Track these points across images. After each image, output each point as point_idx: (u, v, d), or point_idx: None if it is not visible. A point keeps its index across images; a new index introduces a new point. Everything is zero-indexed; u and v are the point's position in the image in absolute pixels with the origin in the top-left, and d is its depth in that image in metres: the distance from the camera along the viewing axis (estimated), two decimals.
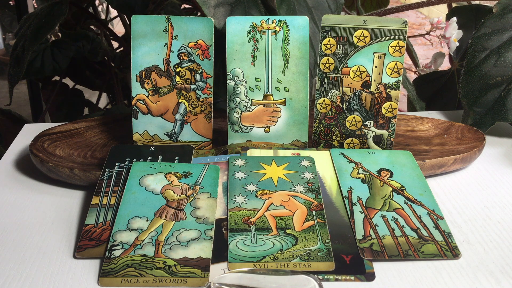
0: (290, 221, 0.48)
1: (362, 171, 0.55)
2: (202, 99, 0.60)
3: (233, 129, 0.60)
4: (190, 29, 0.59)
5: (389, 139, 0.60)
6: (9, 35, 2.43)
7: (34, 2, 1.61)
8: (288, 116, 0.60)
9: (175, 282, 0.42)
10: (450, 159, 0.58)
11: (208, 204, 0.50)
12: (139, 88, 0.60)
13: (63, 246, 0.47)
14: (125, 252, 0.45)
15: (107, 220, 0.49)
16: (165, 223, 0.48)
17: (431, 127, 0.67)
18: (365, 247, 0.46)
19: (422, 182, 0.54)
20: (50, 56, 1.12)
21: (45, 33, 0.83)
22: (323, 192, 0.52)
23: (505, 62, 0.67)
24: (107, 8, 1.48)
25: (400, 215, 0.50)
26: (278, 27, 0.59)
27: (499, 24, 0.69)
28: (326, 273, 0.43)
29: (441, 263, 0.45)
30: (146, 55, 0.59)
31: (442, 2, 0.84)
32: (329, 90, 0.60)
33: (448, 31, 0.79)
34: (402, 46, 0.58)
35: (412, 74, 0.99)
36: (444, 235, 0.47)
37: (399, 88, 0.59)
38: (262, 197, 0.51)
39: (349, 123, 0.60)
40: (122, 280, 0.42)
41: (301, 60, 0.59)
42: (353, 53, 0.59)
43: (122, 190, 0.51)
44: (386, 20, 0.58)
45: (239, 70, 0.59)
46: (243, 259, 0.44)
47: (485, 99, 0.67)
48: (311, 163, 0.56)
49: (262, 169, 0.55)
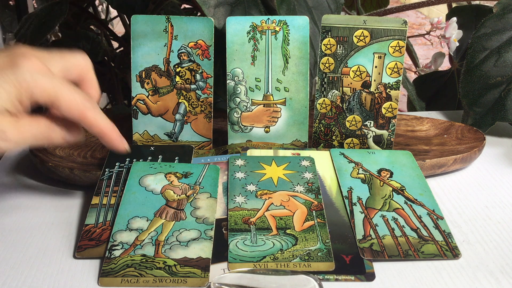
0: (290, 221, 0.48)
1: (362, 171, 0.55)
2: (202, 99, 0.60)
3: (233, 129, 0.60)
4: (190, 29, 0.59)
5: (389, 139, 0.60)
6: (9, 35, 2.43)
7: (34, 2, 1.61)
8: (288, 116, 0.60)
9: (175, 282, 0.42)
10: (450, 159, 0.58)
11: (208, 204, 0.50)
12: (139, 88, 0.60)
13: (63, 246, 0.47)
14: (125, 252, 0.45)
15: (107, 220, 0.49)
16: (165, 223, 0.48)
17: (431, 127, 0.67)
18: (365, 247, 0.46)
19: (422, 182, 0.54)
20: None
21: (45, 33, 0.83)
22: (323, 192, 0.52)
23: (505, 62, 0.67)
24: (107, 8, 1.48)
25: (400, 215, 0.50)
26: (278, 27, 0.59)
27: (499, 24, 0.69)
28: (326, 273, 0.43)
29: (441, 263, 0.45)
30: (146, 55, 0.59)
31: (442, 2, 0.84)
32: (329, 90, 0.60)
33: (448, 31, 0.79)
34: (402, 46, 0.58)
35: (412, 74, 0.99)
36: (444, 235, 0.47)
37: (399, 88, 0.59)
38: (262, 197, 0.51)
39: (349, 123, 0.60)
40: (122, 280, 0.42)
41: (301, 60, 0.59)
42: (353, 53, 0.59)
43: (122, 190, 0.51)
44: (386, 20, 0.58)
45: (239, 70, 0.59)
46: (243, 259, 0.44)
47: (485, 99, 0.67)
48: (311, 163, 0.56)
49: (262, 169, 0.55)
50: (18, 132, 0.39)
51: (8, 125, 0.39)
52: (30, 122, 0.40)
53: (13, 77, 0.38)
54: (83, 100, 0.42)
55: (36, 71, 0.39)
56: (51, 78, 0.40)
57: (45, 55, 0.43)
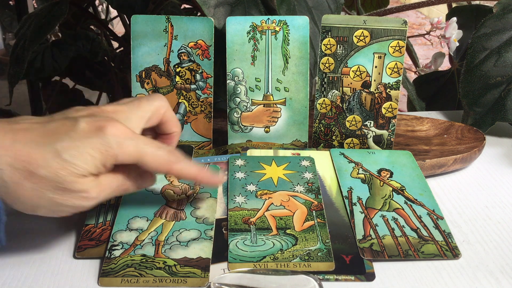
0: (290, 221, 0.48)
1: (362, 171, 0.55)
2: (202, 99, 0.60)
3: (233, 129, 0.60)
4: (190, 29, 0.59)
5: (389, 139, 0.60)
6: (9, 35, 2.43)
7: (34, 2, 1.61)
8: (288, 116, 0.60)
9: (175, 282, 0.42)
10: (450, 159, 0.58)
11: (208, 204, 0.50)
12: (139, 88, 0.60)
13: (63, 246, 0.47)
14: (125, 252, 0.45)
15: (107, 220, 0.49)
16: (165, 223, 0.48)
17: (431, 127, 0.67)
18: (365, 247, 0.46)
19: (422, 182, 0.54)
20: (50, 56, 1.12)
21: (45, 33, 0.83)
22: (323, 192, 0.52)
23: (505, 62, 0.67)
24: (107, 8, 1.48)
25: (400, 215, 0.50)
26: (278, 27, 0.59)
27: (499, 24, 0.69)
28: (326, 273, 0.43)
29: (441, 263, 0.45)
30: (146, 55, 0.59)
31: (442, 2, 0.84)
32: (329, 90, 0.60)
33: (448, 31, 0.79)
34: (402, 46, 0.58)
35: (412, 74, 0.99)
36: (444, 235, 0.47)
37: (399, 88, 0.59)
38: (262, 197, 0.51)
39: (349, 123, 0.60)
40: (122, 280, 0.42)
41: (301, 60, 0.59)
42: (353, 53, 0.59)
43: None
44: (386, 20, 0.58)
45: (239, 70, 0.59)
46: (243, 259, 0.44)
47: (485, 99, 0.67)
48: (311, 163, 0.56)
49: (262, 169, 0.55)
50: (100, 190, 0.41)
51: (91, 184, 0.40)
52: (110, 178, 0.42)
53: (99, 144, 0.39)
54: (167, 155, 0.43)
55: (121, 137, 0.40)
56: (135, 140, 0.41)
57: (126, 112, 0.44)
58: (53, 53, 1.12)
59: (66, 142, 0.39)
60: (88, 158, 0.39)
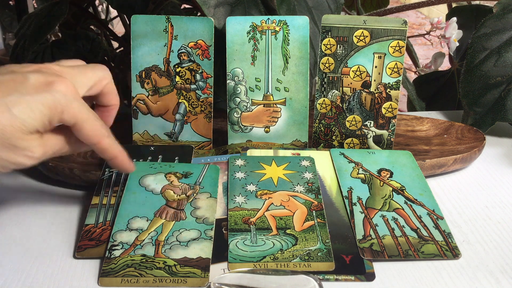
0: (290, 221, 0.48)
1: (362, 171, 0.55)
2: (202, 99, 0.60)
3: (233, 129, 0.60)
4: (190, 29, 0.59)
5: (389, 139, 0.60)
6: (9, 35, 2.43)
7: (34, 2, 1.61)
8: (288, 116, 0.60)
9: (175, 282, 0.42)
10: (450, 159, 0.58)
11: (208, 204, 0.50)
12: (139, 88, 0.60)
13: (63, 246, 0.47)
14: (125, 252, 0.45)
15: (107, 220, 0.49)
16: (165, 223, 0.48)
17: (431, 127, 0.67)
18: (365, 247, 0.46)
19: (422, 182, 0.54)
20: (50, 56, 1.12)
21: (45, 33, 0.83)
22: (323, 192, 0.52)
23: (505, 62, 0.67)
24: (107, 8, 1.48)
25: (400, 215, 0.50)
26: (278, 27, 0.59)
27: (499, 24, 0.69)
28: (326, 273, 0.43)
29: (441, 263, 0.45)
30: (146, 55, 0.59)
31: (442, 2, 0.84)
32: (329, 90, 0.60)
33: (448, 31, 0.79)
34: (402, 46, 0.58)
35: (412, 74, 0.99)
36: (444, 235, 0.47)
37: (399, 88, 0.59)
38: (262, 197, 0.51)
39: (349, 123, 0.60)
40: (122, 280, 0.42)
41: (301, 60, 0.59)
42: (353, 53, 0.59)
43: (122, 190, 0.51)
44: (386, 20, 0.58)
45: (239, 70, 0.59)
46: (243, 259, 0.44)
47: (485, 99, 0.67)
48: (311, 163, 0.56)
49: (262, 169, 0.55)
50: (44, 151, 0.41)
51: (36, 143, 0.40)
52: (52, 139, 0.42)
53: (50, 100, 0.39)
54: (102, 127, 0.43)
55: (69, 95, 0.40)
56: (80, 103, 0.41)
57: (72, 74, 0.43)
58: (53, 53, 1.12)
59: (16, 97, 0.38)
60: (37, 114, 0.38)
